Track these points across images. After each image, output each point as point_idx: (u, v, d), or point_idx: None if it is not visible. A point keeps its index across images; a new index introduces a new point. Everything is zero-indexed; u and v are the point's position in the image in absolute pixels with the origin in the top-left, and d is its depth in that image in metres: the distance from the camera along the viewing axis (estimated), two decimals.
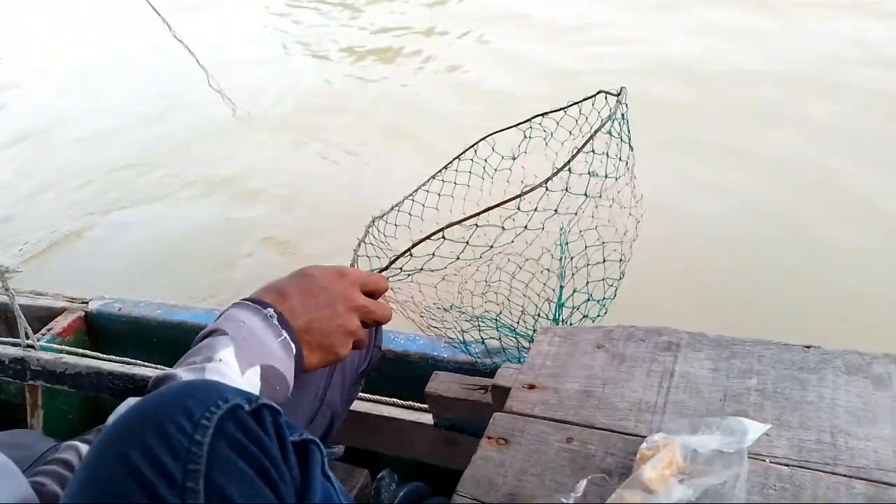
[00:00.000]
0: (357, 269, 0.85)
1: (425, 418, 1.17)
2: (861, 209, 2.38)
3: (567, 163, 0.82)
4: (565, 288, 1.02)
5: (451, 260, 0.85)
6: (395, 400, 1.22)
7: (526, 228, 0.84)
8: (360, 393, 1.22)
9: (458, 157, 1.11)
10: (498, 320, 1.04)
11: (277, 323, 0.72)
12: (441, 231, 0.82)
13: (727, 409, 0.75)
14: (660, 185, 2.54)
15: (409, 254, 0.86)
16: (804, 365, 0.79)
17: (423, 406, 1.16)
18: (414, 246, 0.86)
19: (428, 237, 0.83)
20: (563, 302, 1.03)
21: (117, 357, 1.43)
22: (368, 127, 3.54)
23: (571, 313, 1.05)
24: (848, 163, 2.62)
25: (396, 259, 0.88)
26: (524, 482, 0.72)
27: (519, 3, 4.67)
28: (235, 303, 0.75)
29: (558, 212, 0.87)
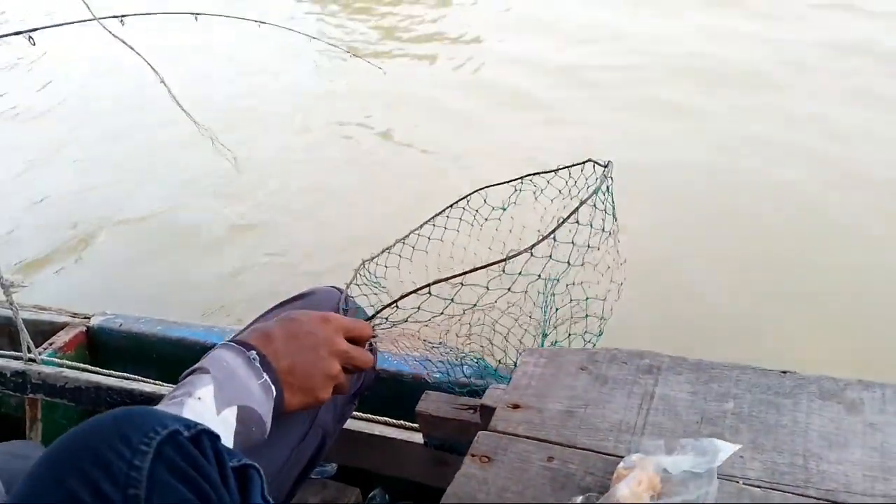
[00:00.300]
0: (342, 316, 0.89)
1: (416, 437, 1.19)
2: (841, 237, 2.42)
3: (552, 232, 0.87)
4: (548, 337, 1.05)
5: (436, 314, 0.89)
6: (388, 419, 1.24)
7: (509, 290, 0.89)
8: (354, 412, 1.24)
9: (452, 206, 1.16)
10: (482, 360, 1.08)
11: (259, 365, 0.75)
12: (427, 287, 0.86)
13: (703, 432, 0.77)
14: (645, 212, 2.59)
15: (396, 305, 0.90)
16: (780, 390, 0.82)
17: (415, 425, 1.19)
18: (401, 298, 0.90)
19: (414, 291, 0.87)
20: None
21: (117, 372, 1.45)
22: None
23: None
24: (824, 190, 2.67)
25: (383, 309, 0.93)
26: (505, 500, 0.74)
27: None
28: (222, 343, 0.78)
29: (541, 276, 0.92)
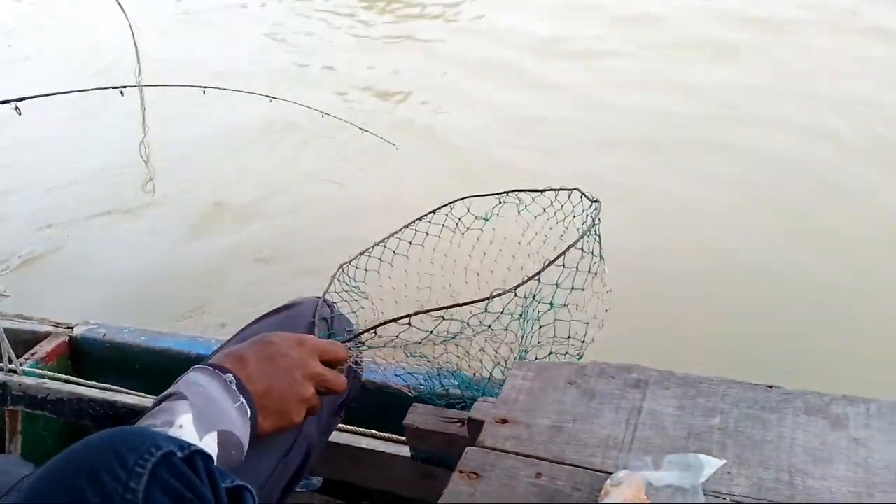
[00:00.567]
0: (317, 338, 0.89)
1: (403, 450, 1.19)
2: (826, 248, 2.45)
3: (537, 273, 0.87)
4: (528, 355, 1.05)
5: (414, 342, 0.90)
6: (374, 432, 1.23)
7: (490, 328, 0.90)
8: (340, 424, 1.23)
9: (434, 212, 1.15)
10: (464, 374, 1.09)
11: (236, 388, 0.75)
12: (408, 317, 0.86)
13: (691, 447, 0.78)
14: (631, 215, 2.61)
15: (374, 331, 0.91)
16: (766, 404, 0.82)
17: (401, 438, 1.18)
18: (380, 325, 0.90)
19: (394, 320, 0.87)
20: None
21: (100, 384, 1.43)
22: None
23: None
24: (807, 198, 2.70)
25: (360, 334, 0.93)
26: None
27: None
28: (196, 367, 0.78)
29: (523, 317, 0.93)
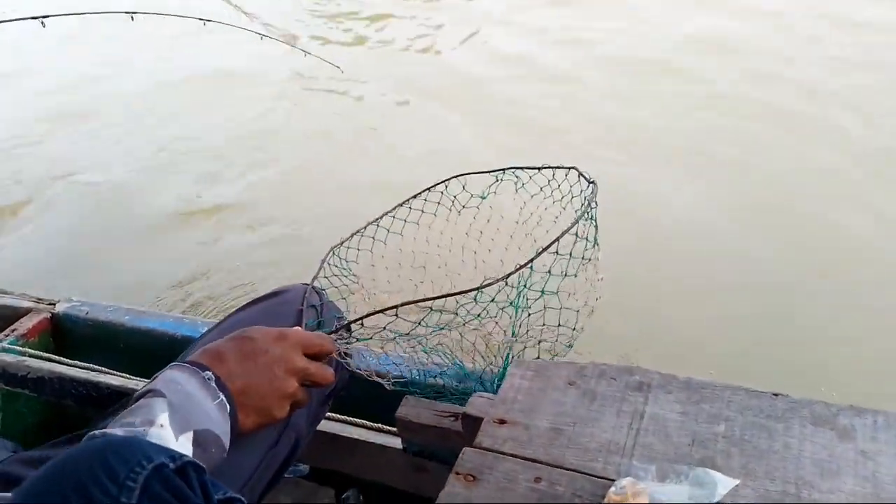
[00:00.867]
0: (300, 331, 0.87)
1: (394, 442, 1.16)
2: (835, 254, 2.42)
3: (529, 261, 0.85)
4: (517, 342, 1.03)
5: (402, 333, 0.89)
6: (365, 422, 1.20)
7: (478, 318, 0.88)
8: (330, 413, 1.20)
9: (429, 189, 1.13)
10: (459, 364, 1.08)
11: (215, 385, 0.73)
12: (395, 308, 0.84)
13: (695, 455, 0.76)
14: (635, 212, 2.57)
15: (361, 323, 0.89)
16: (772, 413, 0.80)
17: (393, 429, 1.16)
18: (366, 316, 0.88)
19: (382, 311, 0.85)
20: (509, 363, 1.05)
21: (82, 363, 1.40)
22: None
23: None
24: (817, 206, 2.68)
25: (348, 325, 0.91)
26: None
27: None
28: (173, 364, 0.75)
29: (515, 304, 0.91)
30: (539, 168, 1.10)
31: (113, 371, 1.37)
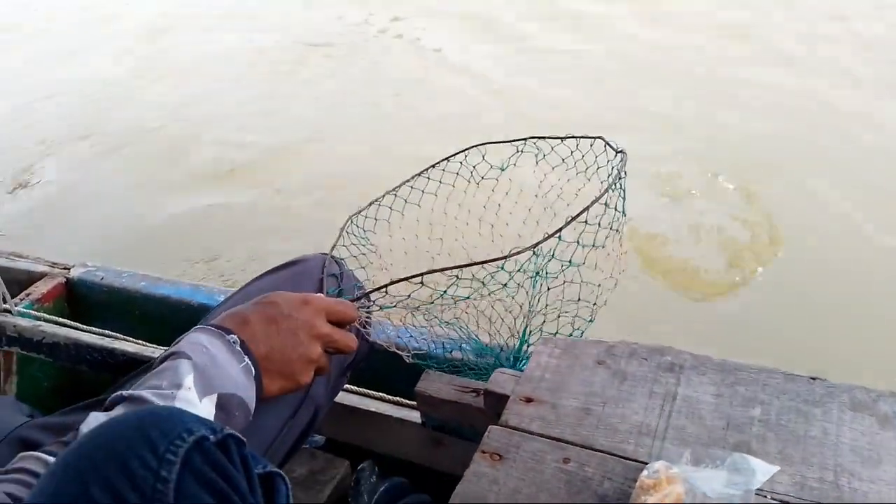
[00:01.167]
0: (323, 297, 0.85)
1: (412, 416, 1.15)
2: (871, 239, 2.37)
3: (557, 231, 0.83)
4: (535, 317, 1.01)
5: (425, 302, 0.87)
6: (384, 395, 1.19)
7: (505, 286, 0.86)
8: (349, 385, 1.19)
9: (448, 159, 1.10)
10: (476, 340, 1.06)
11: (240, 349, 0.72)
12: (420, 276, 0.83)
13: (730, 439, 0.73)
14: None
15: (385, 290, 0.87)
16: (809, 397, 0.77)
17: (412, 403, 1.14)
18: (390, 284, 0.86)
19: (406, 279, 0.83)
20: (527, 338, 1.04)
21: (97, 329, 1.39)
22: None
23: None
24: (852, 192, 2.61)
25: (371, 292, 0.89)
26: (517, 501, 0.70)
27: None
28: (197, 327, 0.74)
29: (539, 275, 0.88)
30: (563, 138, 1.06)
31: (129, 338, 1.36)
